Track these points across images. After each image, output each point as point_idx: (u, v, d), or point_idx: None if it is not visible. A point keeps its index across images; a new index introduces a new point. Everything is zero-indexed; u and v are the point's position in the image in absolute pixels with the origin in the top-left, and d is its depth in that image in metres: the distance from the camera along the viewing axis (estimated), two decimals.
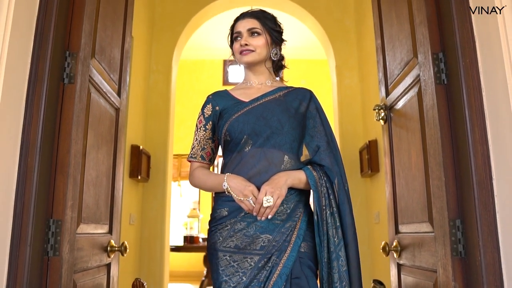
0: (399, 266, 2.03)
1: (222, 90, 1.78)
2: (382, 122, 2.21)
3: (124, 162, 2.33)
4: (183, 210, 8.66)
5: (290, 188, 1.56)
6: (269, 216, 1.48)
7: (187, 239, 6.23)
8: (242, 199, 1.48)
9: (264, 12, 1.76)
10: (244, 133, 1.60)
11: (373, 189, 4.17)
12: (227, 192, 1.52)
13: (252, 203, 1.47)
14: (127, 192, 3.84)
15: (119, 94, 2.23)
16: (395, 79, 2.06)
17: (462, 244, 1.52)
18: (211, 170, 1.78)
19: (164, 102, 4.62)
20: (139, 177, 3.98)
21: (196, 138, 1.72)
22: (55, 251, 1.55)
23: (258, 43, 1.68)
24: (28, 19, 1.56)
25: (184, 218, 8.61)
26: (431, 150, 1.66)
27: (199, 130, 1.71)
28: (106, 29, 2.04)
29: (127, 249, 2.09)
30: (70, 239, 1.60)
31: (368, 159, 3.98)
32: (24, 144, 1.49)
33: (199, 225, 8.26)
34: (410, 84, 1.86)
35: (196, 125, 1.73)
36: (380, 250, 2.09)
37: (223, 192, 1.55)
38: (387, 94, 2.17)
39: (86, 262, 1.78)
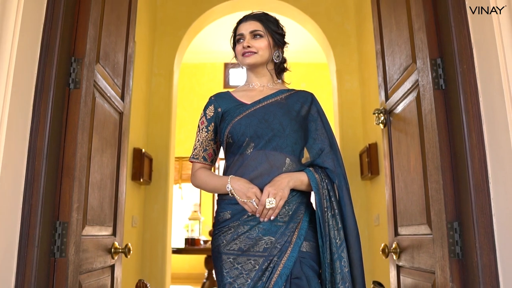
0: (398, 268, 2.05)
1: (224, 92, 1.78)
2: (381, 126, 2.24)
3: (127, 165, 2.36)
4: (184, 213, 8.65)
5: (292, 190, 1.57)
6: (271, 218, 1.49)
7: (189, 241, 6.24)
8: (245, 201, 1.50)
9: (267, 14, 1.77)
10: (246, 135, 1.60)
11: (373, 191, 4.19)
12: (230, 194, 1.53)
13: (255, 204, 1.49)
14: (130, 194, 3.87)
15: (122, 98, 2.26)
16: (394, 84, 2.09)
17: (459, 246, 1.54)
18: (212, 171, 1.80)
19: (166, 105, 4.65)
20: (141, 179, 4.01)
21: (198, 139, 1.72)
22: (62, 252, 1.58)
23: (261, 45, 1.69)
24: (35, 27, 1.59)
25: (185, 221, 8.61)
26: (429, 154, 1.69)
27: (201, 131, 1.72)
28: (110, 34, 2.07)
29: (131, 251, 2.12)
30: (76, 241, 1.64)
31: (368, 162, 4.01)
32: (32, 148, 1.53)
33: (200, 227, 8.26)
34: (409, 89, 1.89)
35: (198, 126, 1.74)
36: (380, 252, 2.12)
37: (226, 195, 1.57)
38: (387, 98, 2.20)
39: (91, 263, 1.81)
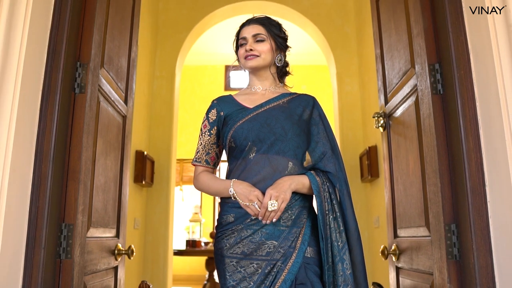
0: (397, 269, 2.08)
1: (226, 95, 1.79)
2: (381, 129, 2.26)
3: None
4: (185, 215, 8.68)
5: (294, 194, 1.58)
6: (273, 220, 1.51)
7: (190, 243, 6.27)
8: (248, 204, 1.52)
9: (269, 18, 1.79)
10: (249, 140, 1.62)
11: (373, 194, 4.21)
12: (233, 198, 1.55)
13: (257, 207, 1.51)
14: (132, 197, 3.89)
15: (126, 102, 2.29)
16: (393, 88, 2.12)
17: (457, 247, 1.57)
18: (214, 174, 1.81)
19: (167, 108, 4.67)
20: (144, 182, 4.04)
21: (201, 143, 1.73)
22: (67, 254, 1.62)
23: (263, 48, 1.70)
24: (42, 33, 1.63)
25: (186, 222, 8.63)
26: (427, 157, 1.72)
27: (204, 134, 1.73)
28: (114, 39, 2.11)
29: (134, 252, 2.15)
30: (81, 242, 1.67)
31: (368, 164, 4.03)
32: (39, 152, 1.56)
33: (201, 229, 8.29)
34: (408, 93, 1.92)
35: (200, 129, 1.75)
36: (380, 254, 2.14)
37: (229, 198, 1.59)
38: (386, 102, 2.23)
39: (95, 264, 1.84)
